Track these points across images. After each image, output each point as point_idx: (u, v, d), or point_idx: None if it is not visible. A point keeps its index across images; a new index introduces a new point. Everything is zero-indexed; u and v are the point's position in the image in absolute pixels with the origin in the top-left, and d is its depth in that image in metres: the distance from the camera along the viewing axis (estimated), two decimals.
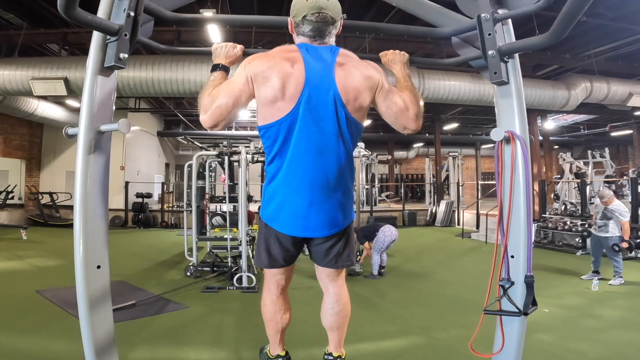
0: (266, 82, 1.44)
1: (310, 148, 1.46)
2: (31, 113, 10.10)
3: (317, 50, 1.49)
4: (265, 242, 1.64)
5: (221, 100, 1.48)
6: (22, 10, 7.46)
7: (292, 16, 1.57)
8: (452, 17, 1.96)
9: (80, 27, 6.96)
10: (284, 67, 1.43)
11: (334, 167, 1.50)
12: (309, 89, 1.43)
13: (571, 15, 1.30)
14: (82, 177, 1.55)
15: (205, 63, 7.26)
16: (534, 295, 1.61)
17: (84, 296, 1.53)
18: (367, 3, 7.32)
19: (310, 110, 1.44)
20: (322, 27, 1.50)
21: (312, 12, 1.48)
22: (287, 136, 1.47)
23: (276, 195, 1.54)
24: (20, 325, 3.49)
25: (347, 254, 1.66)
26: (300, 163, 1.47)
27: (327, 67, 1.46)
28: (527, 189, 1.67)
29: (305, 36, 1.54)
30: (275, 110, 1.46)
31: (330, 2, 1.51)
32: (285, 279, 1.72)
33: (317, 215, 1.51)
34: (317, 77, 1.44)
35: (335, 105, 1.46)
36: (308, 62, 1.45)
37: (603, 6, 6.81)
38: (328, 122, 1.46)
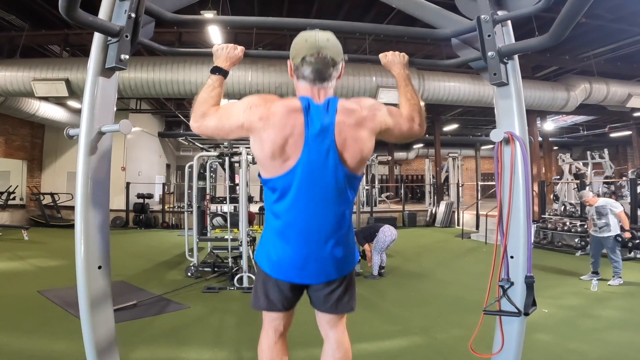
0: (262, 141, 1.40)
1: (309, 206, 1.43)
2: (33, 114, 10.12)
3: (318, 110, 1.42)
4: (263, 285, 1.58)
5: (211, 122, 1.47)
6: (23, 11, 7.48)
7: (291, 58, 1.49)
8: (452, 19, 1.96)
9: (81, 28, 6.96)
10: (282, 129, 1.38)
11: (333, 222, 1.46)
12: (308, 151, 1.40)
13: (570, 16, 1.31)
14: (84, 177, 1.55)
15: (206, 64, 7.28)
16: (534, 296, 1.61)
17: (85, 296, 1.53)
18: (367, 4, 7.33)
19: (309, 171, 1.40)
20: (322, 69, 1.43)
21: (311, 52, 1.42)
22: (285, 192, 1.44)
23: (273, 245, 1.50)
24: (22, 326, 3.50)
25: (347, 299, 1.59)
26: (298, 219, 1.44)
27: (327, 129, 1.41)
28: (526, 189, 1.67)
29: (305, 80, 1.46)
30: (273, 166, 1.43)
31: (331, 42, 1.45)
32: (284, 324, 1.65)
33: (315, 266, 1.47)
34: (317, 140, 1.40)
35: (335, 166, 1.42)
36: (308, 124, 1.40)
37: (602, 8, 6.81)
38: (327, 181, 1.43)
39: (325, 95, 1.47)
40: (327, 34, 1.48)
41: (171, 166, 19.16)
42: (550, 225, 8.58)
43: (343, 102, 1.46)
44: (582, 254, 7.29)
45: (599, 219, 5.26)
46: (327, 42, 1.44)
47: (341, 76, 1.53)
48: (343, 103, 1.46)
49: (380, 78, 7.86)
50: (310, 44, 1.43)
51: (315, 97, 1.45)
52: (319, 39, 1.43)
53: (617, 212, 5.18)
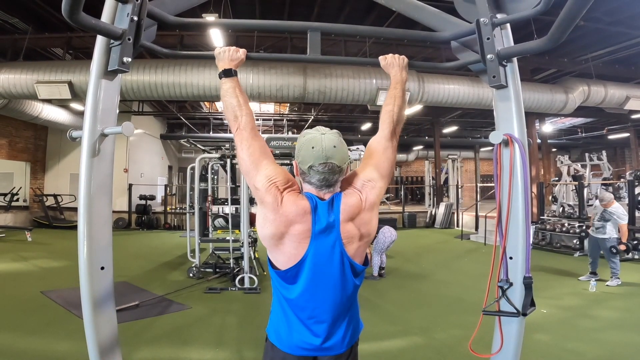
0: (268, 219, 1.42)
1: (316, 294, 1.45)
2: (36, 116, 10.18)
3: (324, 208, 1.44)
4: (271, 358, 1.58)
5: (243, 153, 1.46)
6: (27, 14, 7.53)
7: (297, 160, 1.47)
8: (452, 22, 1.97)
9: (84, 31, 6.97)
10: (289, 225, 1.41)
11: (341, 306, 1.50)
12: (315, 244, 1.42)
13: (569, 19, 1.31)
14: (86, 179, 1.56)
15: (207, 67, 7.31)
16: (532, 296, 1.62)
17: (88, 297, 1.55)
18: (367, 7, 7.34)
19: (316, 263, 1.43)
20: (329, 177, 1.43)
21: (319, 162, 1.40)
22: (293, 282, 1.46)
23: (283, 324, 1.52)
24: (25, 326, 3.53)
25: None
26: (306, 305, 1.47)
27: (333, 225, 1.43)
28: (525, 191, 1.68)
29: (312, 185, 1.46)
30: (279, 255, 1.45)
31: (337, 149, 1.42)
32: None
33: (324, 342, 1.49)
34: (323, 235, 1.42)
35: (341, 259, 1.45)
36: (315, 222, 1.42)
37: (600, 10, 6.82)
38: (334, 273, 1.45)
39: (330, 195, 1.47)
40: (334, 138, 1.44)
41: (173, 168, 19.21)
42: (549, 226, 8.60)
43: (345, 199, 1.46)
44: (580, 254, 7.30)
45: (598, 220, 5.25)
46: (334, 149, 1.42)
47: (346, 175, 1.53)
48: (345, 200, 1.46)
49: (380, 80, 7.88)
50: (317, 152, 1.40)
51: (320, 197, 1.46)
52: (326, 148, 1.41)
53: (622, 223, 5.16)
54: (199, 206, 5.77)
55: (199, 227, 5.68)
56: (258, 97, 7.85)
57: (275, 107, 15.60)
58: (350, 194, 1.48)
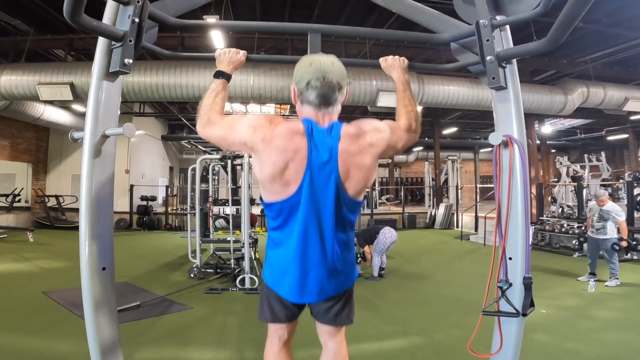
0: (264, 164, 1.40)
1: (311, 228, 1.45)
2: (38, 117, 10.21)
3: (322, 134, 1.42)
4: (267, 299, 1.63)
5: (216, 132, 1.49)
6: (28, 16, 7.56)
7: (294, 82, 1.47)
8: (451, 24, 1.98)
9: (86, 33, 7.00)
10: (284, 153, 1.38)
11: (334, 245, 1.48)
12: (310, 175, 1.40)
13: (568, 21, 1.32)
14: (88, 180, 1.57)
15: (208, 68, 7.33)
16: (532, 297, 1.63)
17: (89, 297, 1.56)
18: (367, 9, 7.35)
19: (311, 195, 1.41)
20: (327, 93, 1.42)
21: (317, 77, 1.39)
22: (288, 216, 1.45)
23: (277, 264, 1.53)
24: (27, 326, 3.54)
25: (346, 313, 1.63)
26: (300, 241, 1.46)
27: (330, 155, 1.41)
28: (524, 192, 1.69)
29: (309, 104, 1.44)
30: (275, 190, 1.44)
31: (336, 66, 1.43)
32: (287, 333, 1.69)
33: (315, 285, 1.50)
34: (319, 165, 1.40)
35: (337, 192, 1.43)
36: (311, 148, 1.40)
37: (600, 12, 6.84)
38: (328, 206, 1.43)
39: (329, 120, 1.46)
40: (331, 57, 1.46)
41: (174, 169, 19.24)
42: (548, 227, 8.62)
43: (346, 128, 1.45)
44: (579, 255, 7.30)
45: (598, 221, 5.25)
46: (332, 65, 1.42)
47: (346, 100, 1.52)
48: (346, 129, 1.44)
49: (380, 82, 7.89)
50: (315, 68, 1.41)
51: (319, 122, 1.44)
52: (324, 63, 1.42)
53: (620, 220, 5.18)
54: (200, 207, 5.78)
55: (199, 228, 5.69)
56: (259, 98, 7.86)
57: (275, 108, 15.62)
58: (353, 127, 1.47)
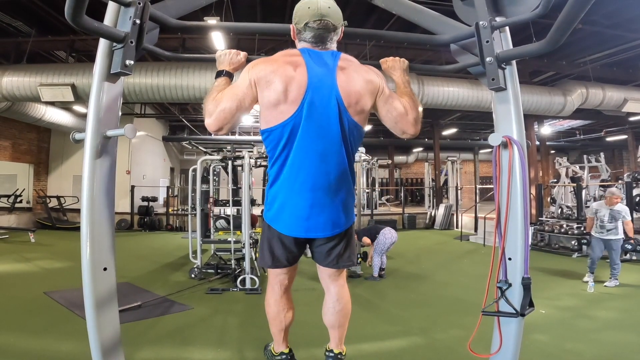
0: (269, 86, 1.46)
1: (313, 150, 1.48)
2: (39, 118, 10.24)
3: (319, 55, 1.51)
4: (268, 243, 1.67)
5: (225, 104, 1.51)
6: (30, 17, 7.58)
7: (294, 23, 1.60)
8: (451, 25, 1.99)
9: (87, 34, 7.06)
10: (286, 71, 1.46)
11: (336, 169, 1.52)
12: (311, 92, 1.45)
13: (567, 23, 1.33)
14: (89, 181, 1.58)
15: (209, 70, 7.34)
16: (531, 297, 1.63)
17: (90, 298, 1.56)
18: (367, 11, 7.35)
19: (313, 113, 1.45)
20: (323, 34, 1.54)
21: (314, 19, 1.51)
22: (289, 139, 1.49)
23: (278, 197, 1.56)
24: (29, 326, 3.55)
25: (348, 255, 1.69)
26: (302, 166, 1.49)
27: (329, 71, 1.49)
28: (524, 192, 1.69)
29: (307, 42, 1.57)
30: (278, 113, 1.48)
31: (332, 10, 1.54)
32: (288, 278, 1.76)
33: (319, 217, 1.54)
34: (319, 80, 1.47)
35: (338, 108, 1.48)
36: (310, 65, 1.48)
37: (599, 14, 6.84)
38: (330, 124, 1.48)
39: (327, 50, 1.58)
40: (329, 1, 1.56)
41: (175, 169, 19.26)
42: (548, 227, 8.62)
43: (346, 56, 1.57)
44: (578, 255, 7.30)
45: (610, 221, 5.21)
46: (329, 9, 1.53)
47: (340, 38, 1.63)
48: (346, 55, 1.57)
49: None
50: (312, 11, 1.52)
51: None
52: (321, 7, 1.52)
53: (628, 220, 5.16)
54: (201, 207, 5.79)
55: (200, 229, 5.70)
56: None
57: None
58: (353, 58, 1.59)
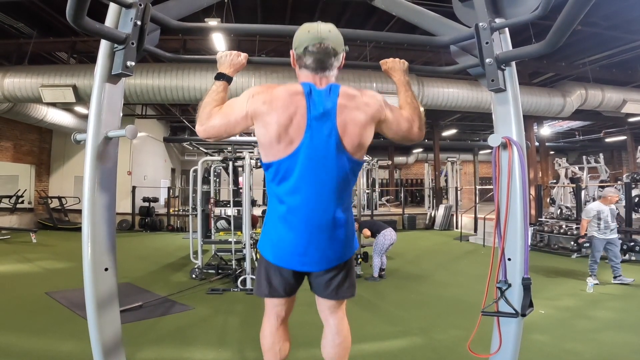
0: (266, 125, 1.43)
1: (310, 190, 1.45)
2: (41, 119, 10.25)
3: (320, 94, 1.45)
4: (265, 272, 1.62)
5: (216, 121, 1.51)
6: (32, 19, 7.60)
7: (293, 48, 1.53)
8: (451, 26, 1.99)
9: (88, 35, 7.07)
10: (286, 111, 1.41)
11: (335, 206, 1.48)
12: (311, 134, 1.42)
13: (566, 24, 1.33)
14: (90, 181, 1.59)
15: (210, 71, 7.35)
16: (531, 297, 1.63)
17: (92, 298, 1.57)
18: (367, 12, 7.36)
19: (311, 154, 1.43)
20: (323, 59, 1.47)
21: (314, 42, 1.46)
22: (288, 175, 1.46)
23: (275, 231, 1.53)
24: (30, 326, 3.56)
25: (347, 285, 1.63)
26: (300, 204, 1.46)
27: (329, 112, 1.44)
28: (523, 193, 1.69)
29: (307, 69, 1.50)
30: (275, 151, 1.45)
31: (332, 34, 1.49)
32: (285, 310, 1.69)
33: (316, 252, 1.50)
34: (319, 122, 1.43)
35: (337, 149, 1.45)
36: (310, 107, 1.43)
37: (598, 15, 6.84)
38: (329, 165, 1.45)
39: (327, 83, 1.51)
40: (329, 25, 1.52)
41: (176, 170, 19.28)
42: (547, 228, 8.64)
43: (345, 88, 1.51)
44: (578, 256, 7.30)
45: (612, 220, 5.24)
46: (329, 33, 1.49)
47: (342, 66, 1.58)
48: (345, 89, 1.51)
49: (380, 84, 7.92)
50: (312, 34, 1.47)
51: (317, 84, 1.50)
52: (321, 30, 1.48)
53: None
54: (202, 208, 5.80)
55: (201, 229, 5.72)
56: None
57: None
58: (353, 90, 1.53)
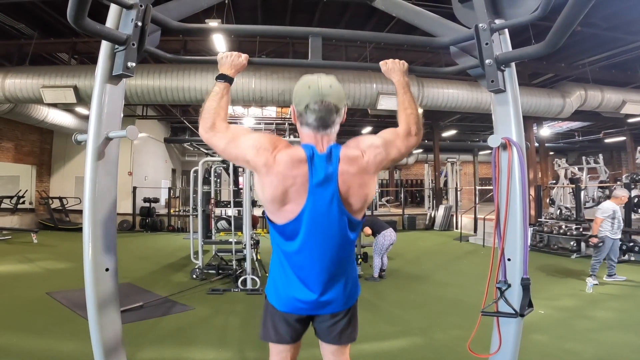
0: (264, 185, 1.43)
1: (314, 248, 1.46)
2: (42, 120, 10.26)
3: (322, 159, 1.44)
4: (271, 318, 1.61)
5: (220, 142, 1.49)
6: (33, 20, 7.61)
7: (294, 104, 1.49)
8: (451, 27, 1.99)
9: (89, 36, 7.06)
10: (285, 180, 1.41)
11: (339, 262, 1.51)
12: (313, 199, 1.43)
13: (566, 25, 1.34)
14: (91, 182, 1.59)
15: (210, 72, 7.36)
16: (530, 297, 1.63)
17: (93, 298, 1.57)
18: (368, 13, 7.37)
19: (314, 217, 1.44)
20: (325, 116, 1.43)
21: (315, 99, 1.41)
22: (292, 237, 1.47)
23: (281, 280, 1.54)
24: (31, 326, 3.57)
25: (350, 331, 1.62)
26: (305, 260, 1.48)
27: (331, 177, 1.43)
28: (523, 193, 1.70)
29: (308, 127, 1.46)
30: (279, 212, 1.46)
31: (333, 89, 1.44)
32: (291, 356, 1.65)
33: (321, 299, 1.51)
34: (321, 188, 1.43)
35: (339, 212, 1.45)
36: (312, 174, 1.42)
37: (597, 16, 6.84)
38: (332, 226, 1.46)
39: (328, 142, 1.48)
40: (330, 79, 1.47)
41: (177, 171, 19.29)
42: (547, 228, 8.66)
43: (345, 151, 1.47)
44: (577, 256, 7.33)
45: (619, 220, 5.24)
46: (330, 89, 1.44)
47: (344, 121, 1.53)
48: (345, 151, 1.46)
49: (380, 85, 7.92)
50: (313, 91, 1.42)
51: (318, 145, 1.46)
52: (322, 86, 1.43)
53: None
54: (202, 209, 5.81)
55: (202, 229, 5.72)
56: (260, 101, 7.90)
57: (277, 111, 15.67)
58: (352, 148, 1.49)
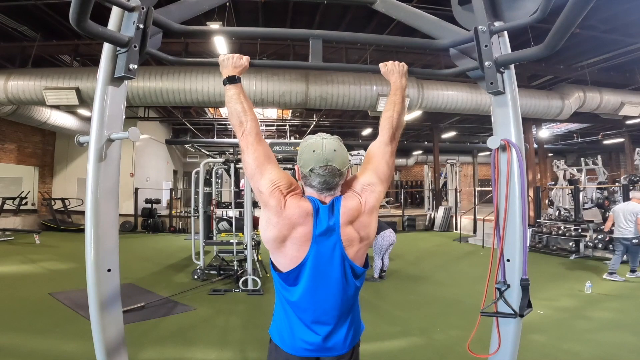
0: (269, 224, 1.45)
1: (317, 293, 1.48)
2: (44, 122, 10.31)
3: (325, 211, 1.47)
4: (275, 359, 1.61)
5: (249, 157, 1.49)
6: (35, 22, 7.65)
7: (299, 164, 1.51)
8: (450, 30, 2.00)
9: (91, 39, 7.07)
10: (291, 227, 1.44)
11: (343, 307, 1.53)
12: (316, 248, 1.45)
13: (565, 27, 1.34)
14: (93, 183, 1.60)
15: (212, 74, 7.39)
16: (529, 298, 1.64)
17: (95, 298, 1.58)
18: (368, 15, 7.38)
19: (317, 265, 1.46)
20: (329, 180, 1.47)
21: (319, 164, 1.44)
22: (295, 283, 1.50)
23: (286, 323, 1.56)
24: (34, 327, 3.59)
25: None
26: (308, 304, 1.50)
27: (333, 228, 1.47)
28: (522, 195, 1.70)
29: (313, 188, 1.50)
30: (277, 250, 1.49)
31: (337, 153, 1.46)
32: None
33: (326, 342, 1.52)
34: (323, 237, 1.46)
35: (342, 260, 1.48)
36: (316, 225, 1.46)
37: (596, 19, 6.86)
38: (335, 274, 1.48)
39: (330, 199, 1.51)
40: (334, 142, 1.48)
41: (178, 172, 19.34)
42: (545, 229, 8.68)
43: (345, 202, 1.49)
44: (576, 257, 7.34)
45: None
46: (334, 153, 1.46)
47: (346, 179, 1.56)
48: (345, 202, 1.49)
49: (380, 87, 7.94)
50: (318, 155, 1.44)
51: (321, 200, 1.49)
52: (326, 152, 1.45)
53: None
54: (204, 210, 5.83)
55: (203, 230, 5.74)
56: (261, 103, 7.93)
57: (278, 112, 15.70)
58: (350, 197, 1.51)
